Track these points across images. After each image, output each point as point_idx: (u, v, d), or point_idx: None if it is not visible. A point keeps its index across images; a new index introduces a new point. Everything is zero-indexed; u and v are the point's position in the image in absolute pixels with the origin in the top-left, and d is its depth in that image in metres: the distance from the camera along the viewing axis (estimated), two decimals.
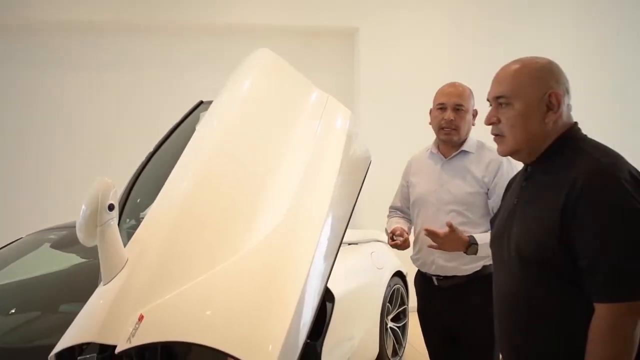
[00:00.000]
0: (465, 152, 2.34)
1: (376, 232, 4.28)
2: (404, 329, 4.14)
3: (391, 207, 2.66)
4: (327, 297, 2.27)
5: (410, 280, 4.23)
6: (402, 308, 4.16)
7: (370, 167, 2.18)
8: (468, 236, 2.11)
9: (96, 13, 5.45)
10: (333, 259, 1.74)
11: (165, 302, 1.36)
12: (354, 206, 1.98)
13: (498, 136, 1.51)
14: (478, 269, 2.27)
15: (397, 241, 2.25)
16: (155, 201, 1.66)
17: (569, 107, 1.45)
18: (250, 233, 1.55)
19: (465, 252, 2.12)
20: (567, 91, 1.44)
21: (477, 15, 6.00)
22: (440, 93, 2.37)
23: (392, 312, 4.01)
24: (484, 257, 2.15)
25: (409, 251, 2.45)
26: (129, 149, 4.21)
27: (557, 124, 1.42)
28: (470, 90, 2.38)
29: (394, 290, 4.03)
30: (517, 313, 1.44)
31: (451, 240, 2.07)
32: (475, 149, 2.34)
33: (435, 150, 2.41)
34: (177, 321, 1.33)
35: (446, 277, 2.32)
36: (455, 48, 5.93)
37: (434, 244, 2.10)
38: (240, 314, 1.36)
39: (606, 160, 1.30)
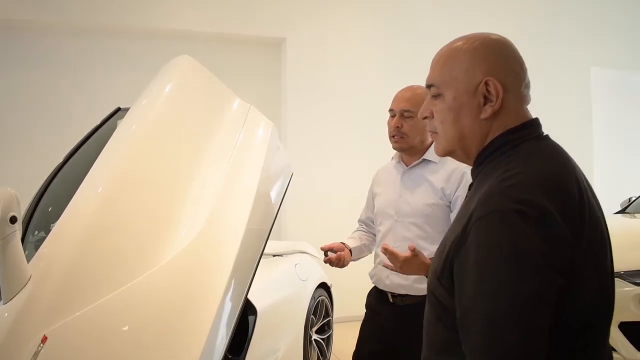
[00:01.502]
0: (427, 160, 2.16)
1: (301, 244, 4.28)
2: (328, 340, 4.14)
3: (358, 221, 2.50)
4: (249, 311, 2.23)
5: (335, 292, 4.31)
6: (326, 320, 4.17)
7: (291, 180, 2.17)
8: (430, 259, 1.79)
9: (16, 12, 5.15)
10: (253, 272, 1.71)
11: (71, 321, 1.29)
12: (275, 218, 1.96)
13: (433, 134, 1.19)
14: None
15: (330, 257, 2.05)
16: (64, 212, 1.57)
17: (521, 97, 1.09)
18: (166, 246, 1.50)
19: (426, 276, 1.75)
20: (519, 78, 1.09)
21: (407, 23, 6.10)
22: (393, 98, 2.20)
23: (316, 324, 4.01)
24: None
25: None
26: (43, 153, 4.00)
27: (498, 119, 1.07)
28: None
29: (318, 301, 4.03)
30: (425, 340, 1.15)
31: (412, 265, 1.80)
32: (438, 158, 2.12)
33: (398, 159, 2.26)
34: (83, 342, 1.27)
35: (400, 295, 2.15)
36: (384, 58, 6.03)
37: (389, 263, 1.86)
38: (153, 331, 1.31)
39: (509, 184, 0.95)
